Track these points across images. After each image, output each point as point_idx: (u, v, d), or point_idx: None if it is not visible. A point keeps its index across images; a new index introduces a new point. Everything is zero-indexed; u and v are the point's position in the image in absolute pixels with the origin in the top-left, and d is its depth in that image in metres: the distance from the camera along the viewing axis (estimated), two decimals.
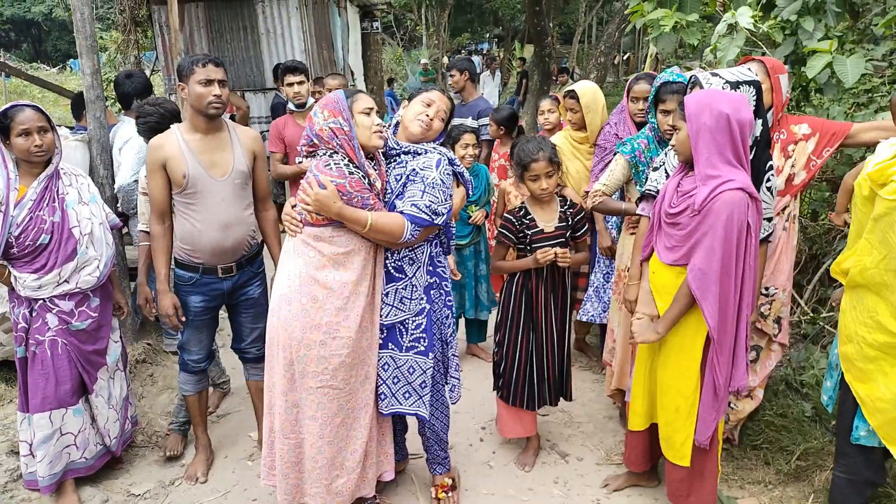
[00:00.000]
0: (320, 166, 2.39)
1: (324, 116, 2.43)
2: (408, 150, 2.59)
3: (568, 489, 3.05)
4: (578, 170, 3.85)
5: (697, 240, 2.34)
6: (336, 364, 2.44)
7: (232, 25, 8.57)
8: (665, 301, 2.51)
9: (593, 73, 10.66)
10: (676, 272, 2.46)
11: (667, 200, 2.49)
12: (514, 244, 3.03)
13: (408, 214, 2.45)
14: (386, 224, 2.42)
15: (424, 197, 2.47)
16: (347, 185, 2.36)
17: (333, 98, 2.46)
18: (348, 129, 2.40)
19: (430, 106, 2.63)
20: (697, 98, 2.35)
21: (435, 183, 2.50)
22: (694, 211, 2.33)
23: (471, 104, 5.07)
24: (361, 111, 2.46)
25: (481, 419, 3.64)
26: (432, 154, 2.57)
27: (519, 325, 3.06)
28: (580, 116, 3.77)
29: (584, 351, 4.42)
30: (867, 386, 2.26)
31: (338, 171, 2.37)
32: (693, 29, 3.47)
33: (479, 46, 31.50)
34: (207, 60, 2.76)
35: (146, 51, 9.47)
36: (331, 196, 2.34)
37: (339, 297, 2.42)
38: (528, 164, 2.89)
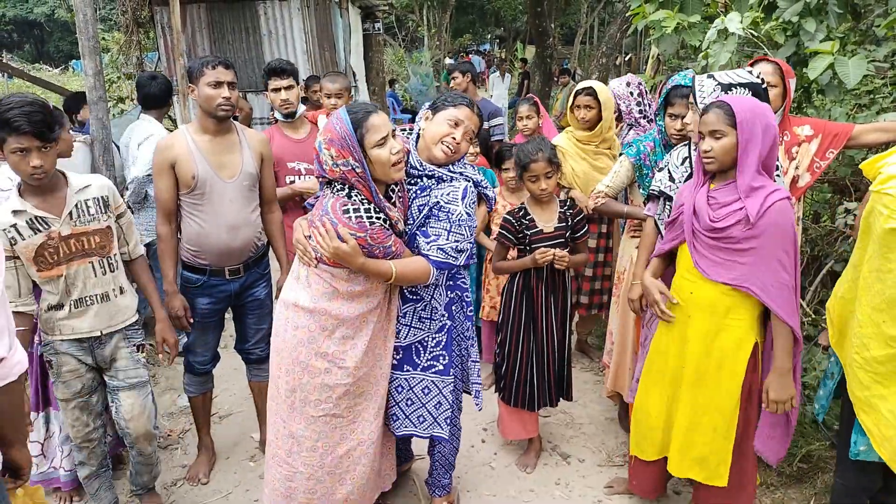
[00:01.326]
0: (338, 211, 2.16)
1: (331, 155, 2.15)
2: (432, 174, 2.34)
3: (569, 490, 3.06)
4: (585, 171, 3.78)
5: (759, 254, 2.24)
6: (340, 393, 2.31)
7: (234, 26, 8.59)
8: (707, 319, 2.39)
9: (595, 74, 10.64)
10: (723, 290, 2.33)
11: (704, 215, 2.34)
12: (514, 244, 3.04)
13: (433, 261, 2.29)
14: (410, 273, 2.26)
15: (450, 237, 2.29)
16: (368, 238, 2.16)
17: (338, 132, 2.15)
18: (361, 170, 2.14)
19: (458, 126, 2.36)
20: (750, 107, 2.25)
21: (461, 220, 2.30)
22: (748, 224, 2.23)
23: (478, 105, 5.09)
24: (375, 144, 2.15)
25: (483, 420, 3.64)
26: (458, 182, 2.34)
27: (519, 326, 3.06)
28: (595, 114, 3.69)
29: (586, 352, 4.42)
30: (871, 416, 2.13)
31: (358, 223, 2.15)
32: (695, 30, 3.47)
33: (481, 47, 31.51)
34: (217, 62, 2.76)
35: (148, 52, 9.49)
36: (352, 253, 2.15)
37: (350, 327, 2.28)
38: (527, 165, 2.90)
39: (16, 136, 2.19)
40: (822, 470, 2.97)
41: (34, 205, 2.34)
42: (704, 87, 2.54)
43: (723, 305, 2.36)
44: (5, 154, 2.26)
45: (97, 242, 2.48)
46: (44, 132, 2.23)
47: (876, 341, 2.06)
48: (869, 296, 2.09)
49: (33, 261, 2.35)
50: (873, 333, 2.08)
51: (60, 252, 2.38)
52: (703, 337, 2.42)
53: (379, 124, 2.16)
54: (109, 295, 2.54)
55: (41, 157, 2.26)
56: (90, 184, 2.49)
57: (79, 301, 2.46)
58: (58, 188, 2.41)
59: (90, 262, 2.47)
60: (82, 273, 2.45)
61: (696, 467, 2.51)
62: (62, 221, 2.37)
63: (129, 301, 2.64)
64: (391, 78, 15.70)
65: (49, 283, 2.41)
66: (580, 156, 3.79)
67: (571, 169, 3.78)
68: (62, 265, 2.40)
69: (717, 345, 2.40)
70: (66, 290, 2.43)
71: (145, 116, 4.03)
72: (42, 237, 2.34)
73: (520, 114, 4.33)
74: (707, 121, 2.29)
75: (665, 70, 6.19)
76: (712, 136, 2.29)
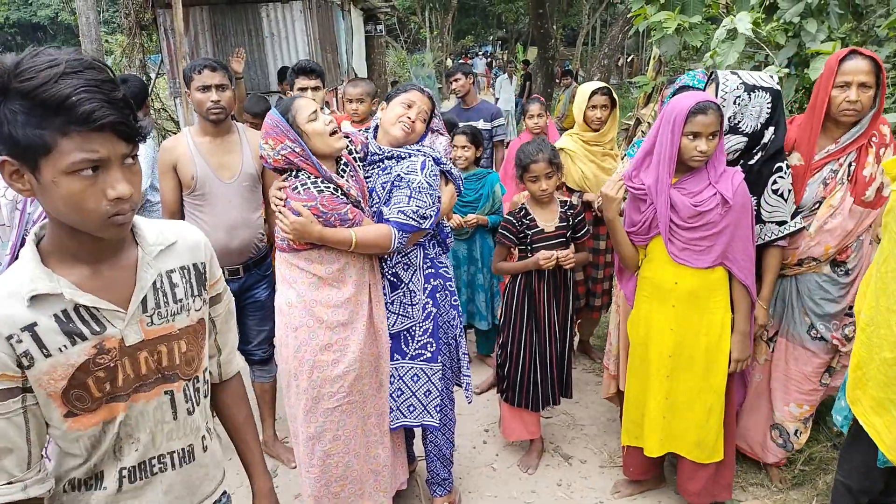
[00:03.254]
0: (289, 191, 2.27)
1: (270, 146, 2.26)
2: (391, 155, 2.47)
3: (571, 491, 3.06)
4: (595, 173, 3.74)
5: (733, 232, 2.44)
6: (352, 379, 2.38)
7: (236, 29, 8.61)
8: (692, 306, 2.54)
9: (597, 76, 10.65)
10: (704, 275, 2.50)
11: (685, 206, 2.45)
12: (515, 244, 3.04)
13: (394, 222, 2.34)
14: (371, 238, 2.32)
15: (411, 202, 2.36)
16: (319, 205, 2.22)
17: (270, 123, 2.27)
18: (300, 148, 2.24)
19: (411, 107, 2.48)
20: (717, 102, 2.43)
21: (421, 187, 2.39)
22: (726, 205, 2.40)
23: (478, 107, 5.10)
24: (307, 119, 2.26)
25: (485, 421, 3.64)
26: (416, 157, 2.45)
27: (522, 326, 3.06)
28: (609, 114, 3.71)
29: (588, 353, 4.42)
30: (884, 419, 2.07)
31: (306, 194, 2.23)
32: (696, 31, 3.47)
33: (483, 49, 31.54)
34: (203, 66, 2.80)
35: (151, 54, 9.52)
36: (307, 223, 2.22)
37: (344, 312, 2.34)
38: (527, 166, 2.91)
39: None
40: (823, 471, 2.97)
41: (74, 281, 1.17)
42: (728, 83, 2.54)
43: (705, 290, 2.52)
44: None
45: (183, 354, 1.31)
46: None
47: (889, 343, 2.05)
48: (885, 296, 2.07)
49: (63, 398, 1.17)
50: (886, 335, 2.06)
51: (120, 378, 1.22)
52: (689, 324, 2.57)
53: (305, 104, 2.28)
54: (195, 449, 1.37)
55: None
56: (175, 240, 1.32)
57: (140, 468, 1.29)
58: (121, 248, 1.24)
59: (168, 390, 1.30)
60: (151, 415, 1.28)
61: (695, 450, 2.65)
62: (129, 318, 1.21)
63: (219, 454, 1.49)
64: (393, 80, 15.72)
65: (80, 439, 1.22)
66: (588, 158, 3.76)
67: (581, 172, 3.75)
68: (118, 402, 1.23)
69: (704, 329, 2.56)
70: (116, 450, 1.26)
71: None
72: (87, 350, 1.17)
73: (530, 112, 4.40)
74: (707, 122, 2.36)
75: (667, 71, 6.18)
76: (712, 136, 2.38)
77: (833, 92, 2.49)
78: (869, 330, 2.15)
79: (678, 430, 2.66)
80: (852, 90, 2.42)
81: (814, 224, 2.60)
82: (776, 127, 2.55)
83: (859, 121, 2.51)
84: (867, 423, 2.13)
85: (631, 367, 2.80)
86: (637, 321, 2.73)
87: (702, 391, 2.60)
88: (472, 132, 3.91)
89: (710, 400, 2.59)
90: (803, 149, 2.61)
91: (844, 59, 2.46)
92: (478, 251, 4.01)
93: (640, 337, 2.72)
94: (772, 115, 2.53)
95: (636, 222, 2.61)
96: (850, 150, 2.54)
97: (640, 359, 2.74)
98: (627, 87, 14.43)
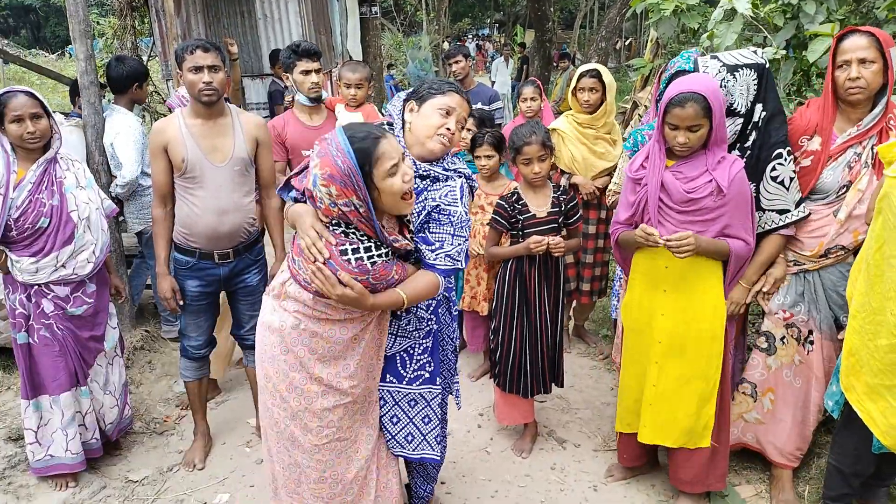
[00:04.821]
0: (335, 254, 1.89)
1: (328, 193, 1.83)
2: (426, 174, 2.13)
3: (565, 475, 3.06)
4: (585, 156, 3.75)
5: (731, 216, 2.42)
6: (340, 414, 2.11)
7: (229, 10, 8.50)
8: (681, 291, 2.53)
9: (595, 58, 10.56)
10: (698, 258, 2.47)
11: (677, 189, 2.44)
12: (507, 229, 3.02)
13: (441, 270, 2.08)
14: (420, 293, 2.05)
15: (454, 241, 2.09)
16: (371, 279, 1.92)
17: (340, 167, 1.81)
18: (365, 209, 1.86)
19: (450, 115, 2.13)
20: (717, 92, 2.37)
21: (462, 221, 2.11)
22: (721, 194, 2.38)
23: (476, 90, 5.07)
24: (387, 173, 1.86)
25: (479, 406, 3.64)
26: (454, 180, 2.15)
27: (513, 312, 3.04)
28: (599, 97, 3.66)
29: (583, 337, 4.41)
30: (878, 405, 2.08)
31: (359, 267, 1.89)
32: (693, 13, 3.44)
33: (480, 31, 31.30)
34: (196, 46, 2.75)
35: (143, 36, 9.41)
36: (360, 298, 1.90)
37: (342, 348, 2.07)
38: (520, 148, 2.89)
39: None
40: (817, 455, 2.97)
41: None
42: (709, 69, 2.52)
43: (696, 275, 2.51)
44: None
45: None
46: None
47: (885, 329, 2.04)
48: (881, 283, 2.06)
49: None
50: (882, 321, 2.05)
51: None
52: (680, 310, 2.55)
53: (389, 151, 1.86)
54: None
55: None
56: None
57: None
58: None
59: None
60: None
61: (682, 437, 2.64)
62: None
63: None
64: (389, 63, 15.59)
65: None
66: (580, 140, 3.76)
67: (570, 154, 3.75)
68: None
69: (695, 315, 2.53)
70: None
71: (114, 107, 3.92)
72: None
73: (524, 95, 4.31)
74: (684, 115, 2.33)
75: (664, 54, 6.13)
76: (689, 129, 2.35)
77: (836, 73, 2.46)
78: (860, 316, 2.14)
79: (665, 419, 2.64)
80: (853, 67, 2.39)
81: (842, 210, 2.50)
82: (764, 103, 2.51)
83: (877, 102, 2.43)
84: (861, 409, 2.13)
85: (624, 352, 2.79)
86: (630, 306, 2.72)
87: (692, 378, 2.57)
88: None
89: (701, 387, 2.56)
90: (823, 134, 2.54)
91: (842, 38, 2.43)
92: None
93: (633, 322, 2.71)
94: (758, 92, 2.50)
95: (631, 203, 2.60)
96: (871, 133, 2.47)
97: (634, 344, 2.73)
98: (625, 71, 14.33)
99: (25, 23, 34.49)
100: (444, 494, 2.93)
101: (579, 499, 2.91)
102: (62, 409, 2.88)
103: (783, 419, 2.76)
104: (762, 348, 2.77)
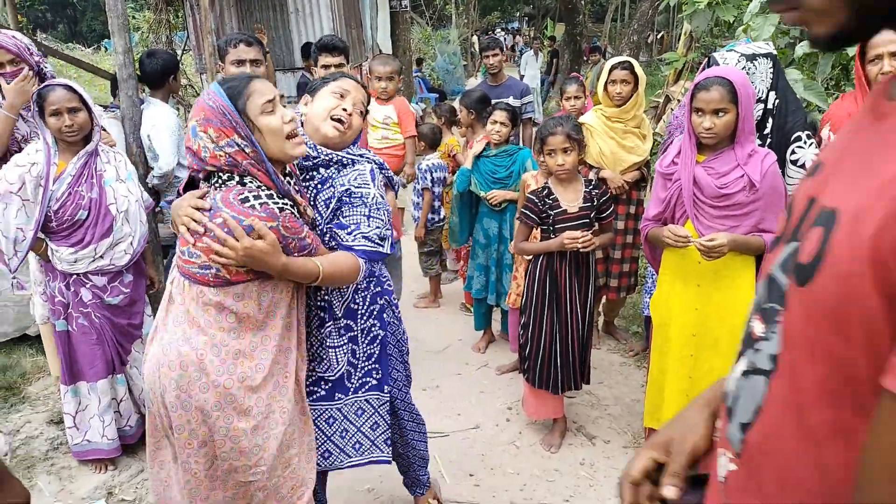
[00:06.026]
0: (234, 203, 1.68)
1: (210, 137, 1.70)
2: (329, 160, 1.99)
3: (594, 471, 3.06)
4: (613, 150, 3.72)
5: (764, 211, 2.39)
6: (273, 448, 1.86)
7: (261, 4, 8.60)
8: (717, 286, 2.51)
9: (626, 52, 10.45)
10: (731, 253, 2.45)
11: (709, 185, 2.42)
12: (537, 224, 3.01)
13: (360, 251, 1.92)
14: (338, 271, 1.87)
15: (371, 223, 1.94)
16: (281, 227, 1.72)
17: (212, 105, 1.70)
18: (252, 149, 1.71)
19: (345, 97, 2.02)
20: (744, 80, 2.35)
21: (378, 203, 1.97)
22: (753, 188, 2.36)
23: (507, 84, 5.04)
24: (262, 111, 1.73)
25: (508, 399, 3.65)
26: (362, 164, 2.02)
27: (543, 307, 3.04)
28: (631, 89, 3.64)
29: (613, 334, 4.39)
30: None
31: (266, 211, 1.70)
32: (728, 5, 3.40)
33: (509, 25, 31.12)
34: (239, 40, 2.79)
35: (178, 31, 9.55)
36: (272, 250, 1.69)
37: (268, 362, 1.83)
38: (545, 138, 2.89)
39: None
40: None
41: None
42: (728, 61, 2.54)
43: (729, 269, 2.48)
44: None
45: None
46: None
47: None
48: None
49: None
50: None
51: None
52: (713, 304, 2.53)
53: (261, 88, 1.75)
54: None
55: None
56: None
57: None
58: None
59: None
60: None
61: None
62: None
63: None
64: (419, 57, 15.59)
65: None
66: (608, 134, 3.72)
67: (599, 148, 3.73)
68: None
69: (730, 310, 2.51)
70: None
71: (151, 99, 3.99)
72: None
73: (567, 94, 4.27)
74: (709, 98, 2.33)
75: (698, 47, 6.04)
76: (715, 113, 2.35)
77: (868, 67, 2.45)
78: None
79: None
80: (885, 61, 2.38)
81: None
82: (776, 90, 2.54)
83: None
84: None
85: (654, 347, 2.79)
86: (660, 301, 2.71)
87: (724, 374, 2.54)
88: (511, 110, 3.87)
89: None
90: None
91: None
92: (508, 229, 3.94)
93: (663, 317, 2.70)
94: (775, 79, 2.54)
95: (661, 199, 2.59)
96: None
97: (663, 339, 2.72)
98: (657, 65, 14.15)
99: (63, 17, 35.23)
100: (472, 487, 2.95)
101: (608, 495, 2.91)
102: (99, 396, 2.95)
103: None
104: None
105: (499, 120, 3.79)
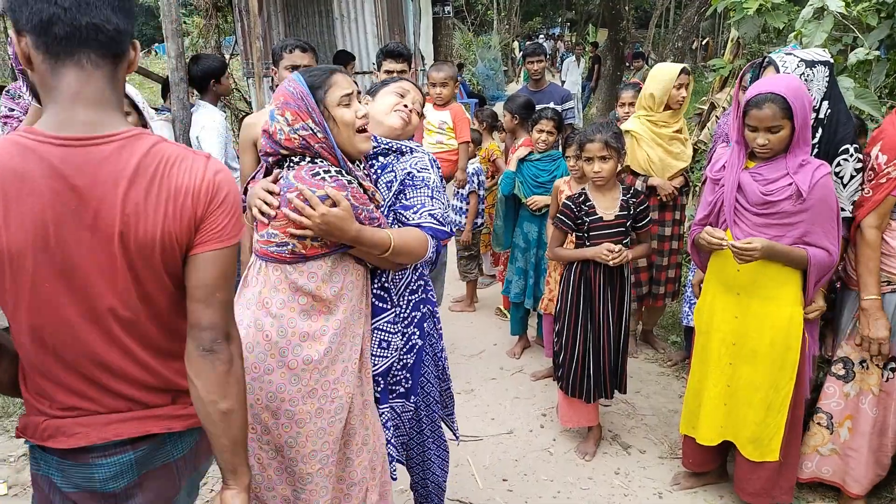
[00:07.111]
0: (305, 176, 1.76)
1: (286, 121, 1.79)
2: (389, 149, 2.06)
3: (629, 481, 3.02)
4: (661, 157, 3.68)
5: (811, 223, 2.34)
6: (338, 432, 1.88)
7: (308, 10, 8.75)
8: (756, 296, 2.46)
9: (670, 59, 10.32)
10: (770, 264, 2.41)
11: (753, 191, 2.38)
12: (572, 230, 2.99)
13: (427, 228, 1.95)
14: (409, 243, 1.89)
15: (435, 204, 1.99)
16: (350, 197, 1.77)
17: (292, 91, 1.80)
18: (324, 134, 1.79)
19: (405, 96, 2.15)
20: (800, 92, 2.29)
21: (438, 187, 2.03)
22: (800, 198, 2.31)
23: (549, 89, 5.05)
24: (338, 103, 1.81)
25: (542, 405, 3.64)
26: (420, 152, 2.09)
27: (577, 314, 3.02)
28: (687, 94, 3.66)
29: (651, 343, 4.33)
30: None
31: (335, 182, 1.76)
32: (779, 12, 3.32)
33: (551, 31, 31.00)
34: (294, 46, 2.85)
35: (227, 36, 9.78)
36: (345, 216, 1.73)
37: (335, 346, 1.84)
38: (583, 145, 2.88)
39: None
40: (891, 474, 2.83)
41: None
42: (788, 64, 2.48)
43: (769, 279, 2.43)
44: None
45: None
46: None
47: None
48: None
49: None
50: None
51: None
52: (752, 314, 2.49)
53: (341, 81, 1.83)
54: None
55: None
56: None
57: None
58: None
59: None
60: None
61: (749, 446, 2.59)
62: None
63: None
64: (459, 62, 15.65)
65: None
66: (655, 142, 3.69)
67: (647, 155, 3.69)
68: None
69: (769, 322, 2.46)
70: None
71: (200, 102, 4.09)
72: None
73: (622, 100, 4.21)
74: (762, 116, 2.29)
75: (745, 54, 5.92)
76: (769, 130, 2.30)
77: None
78: None
79: (737, 420, 2.60)
80: None
81: None
82: (829, 100, 2.47)
83: None
84: None
85: (694, 354, 2.75)
86: (703, 307, 2.68)
87: (762, 387, 2.51)
88: (558, 117, 3.88)
89: (771, 397, 2.50)
90: None
91: None
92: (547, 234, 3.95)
93: (704, 324, 2.67)
94: (829, 88, 2.47)
95: (708, 203, 2.58)
96: None
97: (703, 346, 2.69)
98: (701, 72, 13.91)
99: None
100: (505, 492, 2.95)
101: None
102: None
103: (860, 448, 2.63)
104: (839, 375, 2.65)
105: (545, 129, 3.80)
